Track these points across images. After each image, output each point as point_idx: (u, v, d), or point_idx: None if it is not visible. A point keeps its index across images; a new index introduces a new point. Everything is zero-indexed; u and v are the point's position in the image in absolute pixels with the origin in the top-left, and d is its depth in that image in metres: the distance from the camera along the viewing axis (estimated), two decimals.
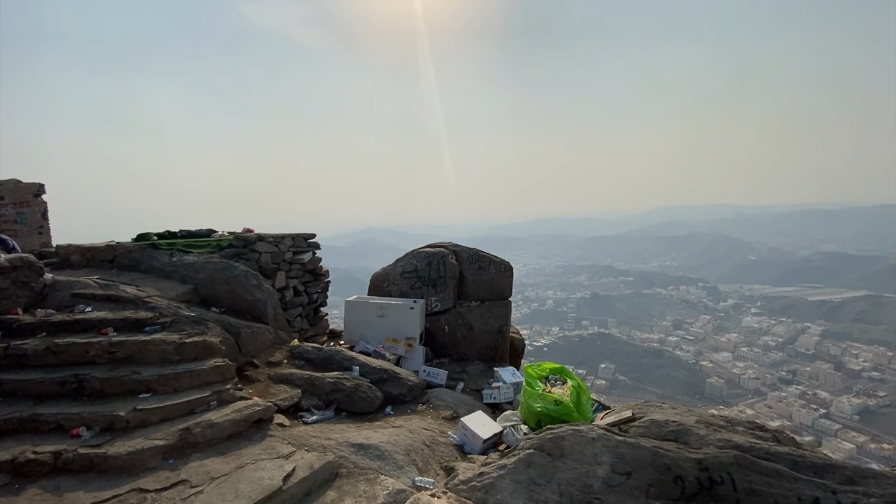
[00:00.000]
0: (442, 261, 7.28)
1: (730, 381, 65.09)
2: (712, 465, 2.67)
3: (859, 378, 62.34)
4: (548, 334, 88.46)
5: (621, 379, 69.59)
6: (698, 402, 61.40)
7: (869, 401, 55.87)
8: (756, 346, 75.74)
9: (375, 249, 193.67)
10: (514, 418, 4.31)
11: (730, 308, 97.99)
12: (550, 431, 3.16)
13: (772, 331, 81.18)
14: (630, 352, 75.89)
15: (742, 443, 2.82)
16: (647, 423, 3.20)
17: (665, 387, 66.02)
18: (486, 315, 7.15)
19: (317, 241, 7.93)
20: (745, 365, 69.84)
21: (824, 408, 55.86)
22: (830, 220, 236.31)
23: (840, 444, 47.69)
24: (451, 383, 6.04)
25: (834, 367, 65.50)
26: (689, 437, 2.97)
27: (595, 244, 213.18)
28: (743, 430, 3.19)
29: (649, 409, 3.49)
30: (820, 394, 59.27)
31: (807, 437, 49.74)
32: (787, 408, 56.37)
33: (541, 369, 4.53)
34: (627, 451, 2.87)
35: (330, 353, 5.51)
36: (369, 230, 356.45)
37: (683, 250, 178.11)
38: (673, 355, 75.48)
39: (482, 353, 7.10)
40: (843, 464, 2.69)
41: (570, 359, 75.33)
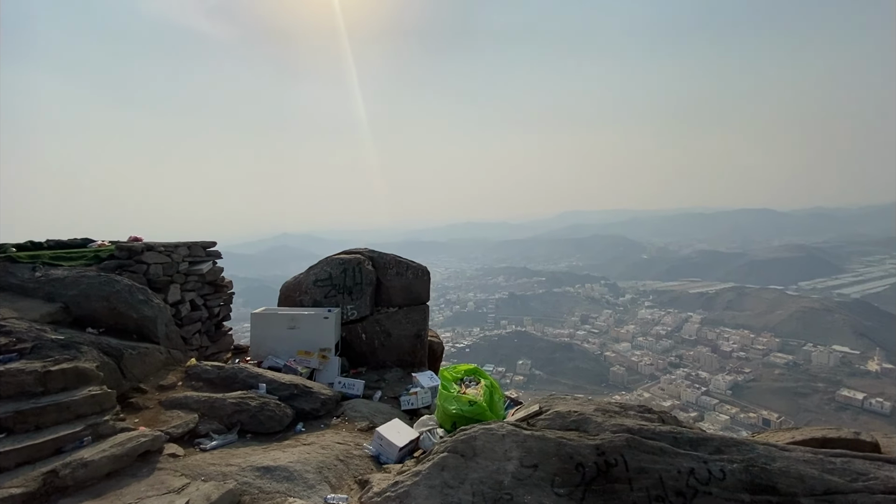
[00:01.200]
0: (358, 268, 7.11)
1: (630, 369, 71.98)
2: (608, 449, 2.90)
3: (730, 358, 72.56)
4: (469, 335, 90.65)
5: (537, 373, 73.54)
6: (604, 389, 67.08)
7: (738, 377, 65.23)
8: (650, 336, 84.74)
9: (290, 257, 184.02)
10: (431, 423, 4.32)
11: (627, 302, 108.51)
12: (463, 433, 3.20)
13: (662, 321, 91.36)
14: (544, 347, 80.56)
15: (633, 426, 3.09)
16: (552, 416, 3.39)
17: (575, 377, 71.09)
18: (404, 321, 7.10)
19: (217, 249, 7.30)
20: (642, 353, 77.76)
21: (705, 386, 64.09)
22: (704, 223, 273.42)
23: (718, 416, 55.03)
24: (368, 393, 5.90)
25: (711, 350, 75.53)
26: (589, 425, 3.20)
27: (511, 247, 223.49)
28: (634, 414, 3.51)
29: (554, 401, 3.70)
30: (701, 374, 67.90)
31: (692, 412, 56.74)
32: (677, 389, 63.76)
33: (456, 371, 4.60)
34: (534, 444, 3.00)
35: (233, 372, 5.08)
36: (284, 236, 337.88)
37: (587, 251, 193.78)
38: (581, 348, 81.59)
39: (401, 359, 7.04)
40: (713, 436, 3.08)
41: (490, 357, 78.01)
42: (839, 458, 2.92)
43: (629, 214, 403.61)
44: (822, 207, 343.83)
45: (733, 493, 2.67)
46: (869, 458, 3.14)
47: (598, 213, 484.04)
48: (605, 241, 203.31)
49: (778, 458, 2.86)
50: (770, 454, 2.88)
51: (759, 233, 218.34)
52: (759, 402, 58.74)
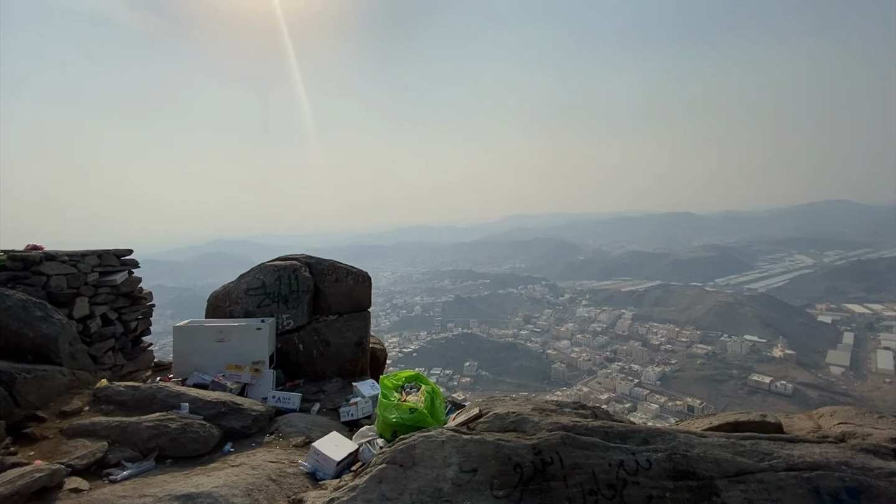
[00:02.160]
0: (294, 274, 6.80)
1: (570, 365, 75.22)
2: (544, 447, 2.95)
3: (659, 351, 78.08)
4: (417, 339, 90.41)
5: (484, 374, 74.76)
6: (546, 386, 69.56)
7: (666, 368, 70.33)
8: (587, 333, 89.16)
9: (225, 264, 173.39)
10: (371, 433, 4.20)
11: (567, 301, 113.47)
12: (402, 442, 3.13)
13: (598, 318, 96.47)
14: (490, 348, 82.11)
15: (567, 423, 3.18)
16: (491, 418, 3.41)
17: (520, 377, 73.10)
18: (344, 328, 6.89)
19: (134, 258, 6.67)
20: (581, 349, 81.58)
21: (637, 378, 68.43)
22: (634, 226, 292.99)
23: (649, 405, 58.96)
24: (306, 406, 5.64)
25: (642, 344, 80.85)
26: (526, 425, 3.25)
27: (457, 250, 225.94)
28: (569, 412, 3.62)
29: (494, 403, 3.72)
30: (634, 367, 72.45)
31: (627, 403, 60.36)
32: (612, 382, 67.53)
33: (396, 378, 4.51)
34: (473, 448, 2.99)
35: (150, 392, 4.64)
36: (218, 242, 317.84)
37: (529, 253, 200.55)
38: (525, 347, 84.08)
39: (341, 368, 6.82)
40: (640, 428, 3.24)
41: (438, 361, 78.23)
42: (748, 441, 3.18)
43: (567, 218, 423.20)
44: (733, 210, 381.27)
45: (658, 480, 2.82)
46: (773, 438, 3.45)
47: (539, 217, 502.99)
48: (546, 244, 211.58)
49: (696, 444, 3.06)
50: (690, 441, 3.08)
51: (681, 234, 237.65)
52: (685, 391, 63.67)
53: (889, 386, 60.04)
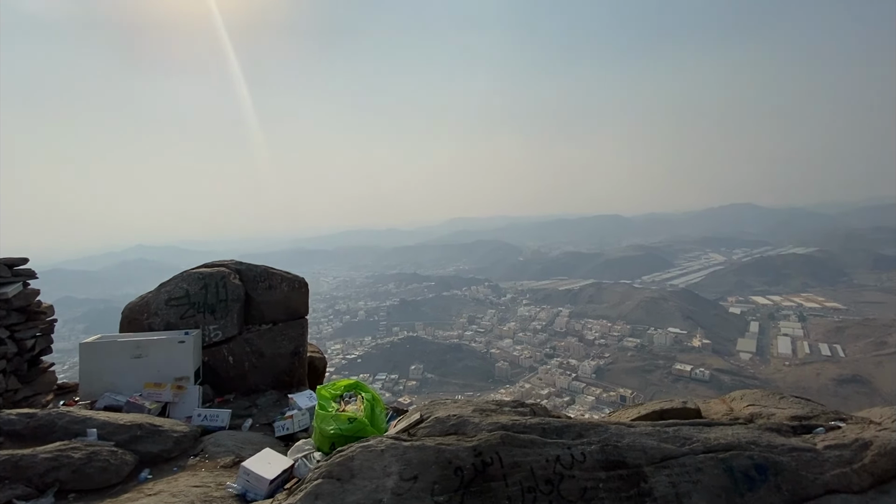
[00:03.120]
0: (222, 282, 6.35)
1: (513, 363, 77.32)
2: (484, 448, 2.96)
3: (594, 345, 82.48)
4: (361, 345, 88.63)
5: (429, 376, 74.77)
6: (491, 385, 70.96)
7: (600, 362, 74.43)
8: (528, 331, 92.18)
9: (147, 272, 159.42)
10: (307, 447, 4.00)
11: (508, 301, 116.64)
12: (340, 454, 3.00)
13: (537, 317, 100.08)
14: (435, 350, 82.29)
15: (507, 422, 3.22)
16: (432, 422, 3.37)
17: (465, 377, 73.95)
18: (279, 338, 6.54)
19: (30, 267, 5.89)
20: (522, 347, 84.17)
21: (574, 372, 71.77)
22: (569, 227, 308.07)
23: (586, 398, 62.01)
24: (237, 422, 5.28)
25: (578, 340, 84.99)
26: (467, 427, 3.24)
27: (401, 253, 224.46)
28: (509, 410, 3.67)
29: (435, 407, 3.69)
30: (571, 361, 75.91)
31: (566, 397, 63.10)
32: (552, 377, 70.28)
33: (335, 388, 4.34)
34: (414, 454, 2.94)
35: (49, 419, 4.10)
36: (139, 248, 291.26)
37: (473, 255, 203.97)
38: (469, 347, 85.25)
39: (277, 380, 6.47)
40: (575, 422, 3.36)
41: (383, 366, 77.13)
42: (671, 428, 3.41)
43: (507, 220, 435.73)
44: (656, 213, 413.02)
45: (592, 472, 2.93)
46: (693, 423, 3.72)
47: (481, 220, 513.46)
48: (488, 246, 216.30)
49: (626, 434, 3.22)
50: (620, 432, 3.23)
51: (611, 235, 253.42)
52: (617, 382, 67.72)
53: (788, 368, 67.79)
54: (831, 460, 3.42)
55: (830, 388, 57.80)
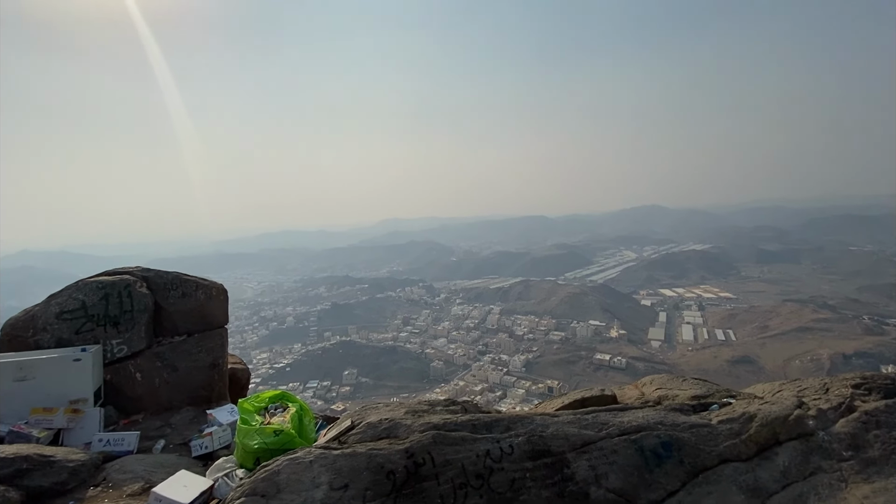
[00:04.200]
0: (126, 291, 5.74)
1: (447, 362, 78.23)
2: (416, 450, 2.98)
3: (523, 340, 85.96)
4: (290, 353, 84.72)
5: (364, 381, 73.33)
6: (426, 385, 71.22)
7: (529, 355, 77.78)
8: (462, 329, 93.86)
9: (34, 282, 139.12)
10: (229, 465, 3.75)
11: (442, 301, 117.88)
12: (264, 469, 2.85)
13: (470, 315, 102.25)
14: (370, 353, 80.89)
15: (438, 422, 3.26)
16: (363, 428, 3.32)
17: (401, 379, 73.51)
18: (194, 350, 6.05)
19: None
20: (456, 346, 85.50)
21: (506, 367, 74.32)
22: (498, 228, 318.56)
23: (517, 391, 64.43)
24: (147, 444, 4.81)
25: (509, 336, 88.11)
26: (399, 430, 3.24)
27: (332, 256, 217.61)
28: (441, 409, 3.72)
29: (366, 412, 3.64)
30: (503, 357, 78.52)
31: (498, 392, 65.08)
32: (485, 373, 72.17)
33: (259, 400, 4.11)
34: (344, 462, 2.87)
35: None
36: (24, 254, 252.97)
37: (406, 256, 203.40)
38: (404, 349, 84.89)
39: (194, 395, 5.98)
40: (503, 416, 3.49)
41: (315, 373, 74.28)
42: (590, 415, 3.66)
43: (439, 221, 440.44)
44: (577, 213, 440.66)
45: (520, 463, 3.07)
46: (609, 409, 4.02)
47: (414, 221, 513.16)
48: (421, 247, 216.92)
49: (550, 424, 3.41)
50: (545, 422, 3.41)
51: (537, 235, 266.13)
52: (545, 374, 71.20)
53: (691, 353, 75.65)
54: (724, 433, 3.89)
55: (725, 368, 65.43)
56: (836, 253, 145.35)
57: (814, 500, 3.55)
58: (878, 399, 4.47)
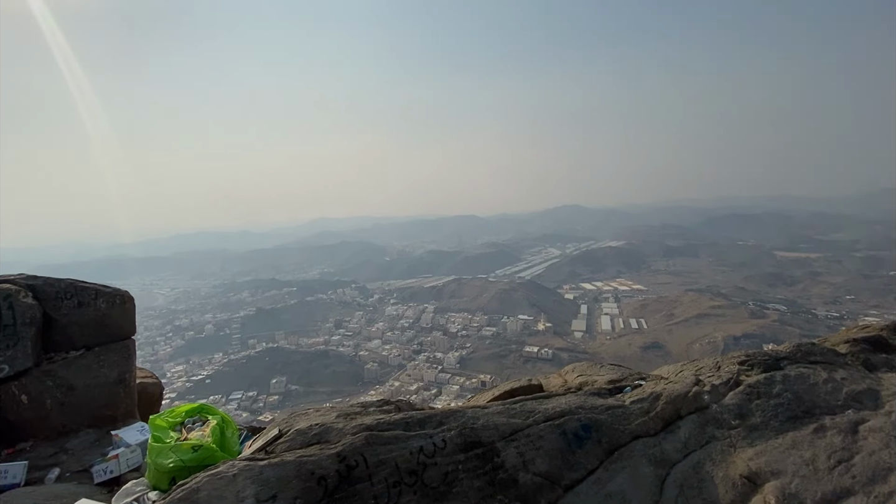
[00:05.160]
0: (6, 302, 5.00)
1: (382, 363, 77.33)
2: (349, 453, 2.94)
3: (457, 337, 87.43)
4: (210, 363, 78.82)
5: (294, 388, 70.22)
6: (361, 388, 69.86)
7: (463, 352, 79.32)
8: (396, 329, 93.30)
9: None
10: (140, 488, 3.42)
11: (376, 302, 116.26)
12: (182, 488, 2.65)
13: (405, 315, 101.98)
14: (300, 359, 77.59)
15: (371, 423, 3.24)
16: (292, 435, 3.20)
17: (334, 383, 71.39)
18: (95, 365, 5.42)
19: None
20: (391, 346, 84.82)
21: (440, 364, 75.14)
22: (431, 227, 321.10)
23: (451, 387, 65.43)
24: (39, 475, 4.24)
25: (443, 333, 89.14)
26: (331, 434, 3.17)
27: (256, 258, 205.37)
28: (374, 410, 3.70)
29: (295, 419, 3.52)
30: (437, 355, 79.30)
31: (433, 390, 65.62)
32: (420, 372, 72.42)
33: (173, 415, 3.80)
34: (272, 473, 2.76)
35: None
36: None
37: (337, 257, 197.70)
38: (337, 352, 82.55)
39: (95, 416, 5.36)
40: (436, 412, 3.55)
41: (239, 383, 69.82)
42: (518, 404, 3.85)
43: (372, 221, 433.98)
44: (506, 213, 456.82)
45: (452, 456, 3.14)
46: (536, 397, 4.25)
47: (345, 221, 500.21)
48: (353, 247, 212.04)
49: (481, 416, 3.54)
50: (476, 415, 3.53)
51: (469, 234, 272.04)
52: (478, 369, 73.06)
53: (609, 342, 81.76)
54: (636, 412, 4.27)
55: (638, 354, 71.54)
56: (727, 247, 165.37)
57: (709, 465, 4.03)
58: (758, 373, 5.17)
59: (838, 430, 4.31)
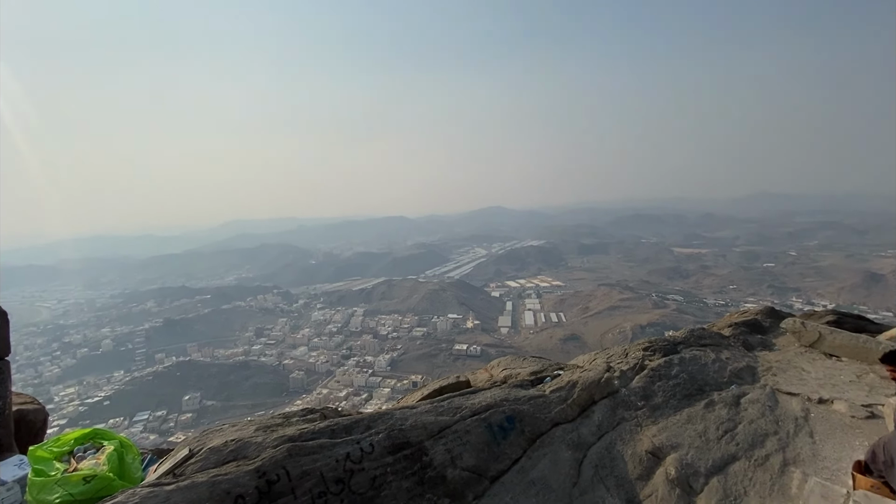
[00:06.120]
0: None
1: (308, 371, 74.15)
2: (269, 467, 2.78)
3: (387, 340, 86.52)
4: (108, 383, 70.38)
5: (210, 404, 64.91)
6: (286, 398, 66.41)
7: (394, 354, 78.65)
8: (324, 335, 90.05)
9: None
10: None
11: (301, 307, 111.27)
12: None
13: (333, 319, 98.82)
14: (216, 373, 71.90)
15: (294, 433, 3.10)
16: (205, 454, 2.96)
17: (255, 396, 67.09)
18: None
19: None
20: (318, 353, 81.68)
21: (371, 368, 73.83)
22: (359, 229, 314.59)
23: (382, 391, 64.55)
24: None
25: (373, 336, 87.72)
26: (249, 450, 2.98)
27: (162, 264, 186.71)
28: (297, 420, 3.54)
29: (208, 437, 3.26)
30: (367, 358, 77.83)
31: (364, 394, 64.29)
32: (350, 377, 70.54)
33: (60, 444, 3.33)
34: (180, 497, 2.53)
35: None
36: None
37: (257, 261, 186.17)
38: (258, 363, 77.70)
39: None
40: (364, 416, 3.49)
41: (145, 403, 63.14)
42: (446, 401, 3.90)
43: (296, 223, 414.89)
44: (435, 214, 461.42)
45: (380, 460, 3.11)
46: (463, 393, 4.34)
47: (265, 222, 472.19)
48: (275, 250, 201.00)
49: (409, 416, 3.54)
50: (404, 416, 3.52)
51: (398, 235, 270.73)
52: (410, 370, 72.93)
53: (533, 335, 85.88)
54: (555, 401, 4.54)
55: (559, 346, 75.98)
56: (633, 245, 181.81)
57: (620, 444, 4.40)
58: (659, 357, 5.75)
59: (724, 404, 4.93)
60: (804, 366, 6.07)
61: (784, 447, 4.29)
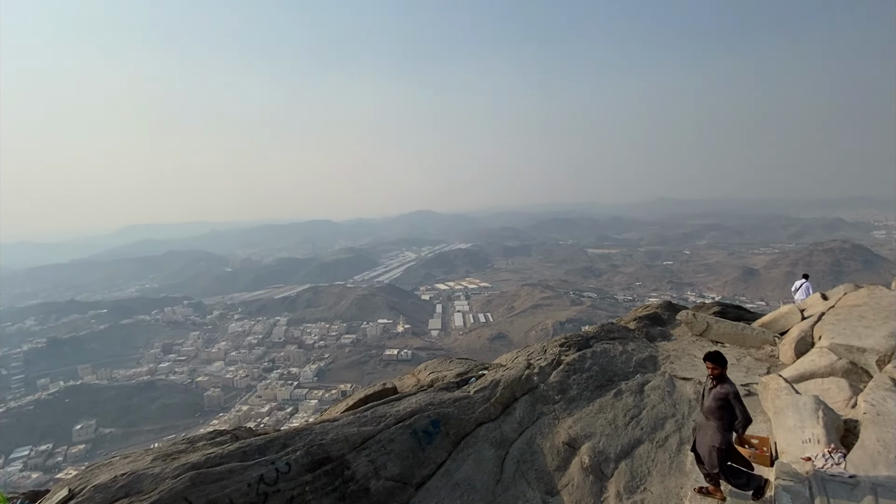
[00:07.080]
0: None
1: (225, 387, 68.74)
2: (167, 501, 2.50)
3: (314, 349, 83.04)
4: None
5: (108, 432, 57.71)
6: (199, 419, 60.97)
7: (321, 363, 75.66)
8: (243, 348, 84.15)
9: None
10: None
11: (216, 319, 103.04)
12: None
13: (253, 330, 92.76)
14: (114, 396, 64.08)
15: (198, 460, 2.83)
16: (89, 494, 2.60)
17: (163, 419, 60.88)
18: None
19: None
20: (236, 367, 76.10)
21: (296, 380, 70.30)
22: (281, 233, 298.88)
23: (309, 403, 61.69)
24: None
25: (298, 346, 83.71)
26: (144, 483, 2.66)
27: (45, 275, 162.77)
28: (203, 444, 3.24)
29: (94, 472, 2.86)
30: (292, 370, 74.03)
31: (289, 408, 60.97)
32: (273, 391, 66.53)
33: None
34: None
35: None
36: None
37: (162, 270, 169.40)
38: (167, 382, 70.63)
39: None
40: (279, 434, 3.28)
41: (24, 438, 54.72)
42: (369, 411, 3.81)
43: (208, 227, 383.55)
44: (362, 218, 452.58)
45: (298, 478, 2.94)
46: (388, 401, 4.27)
47: (173, 227, 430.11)
48: (184, 258, 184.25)
49: (330, 430, 3.40)
50: (324, 430, 3.38)
51: (324, 239, 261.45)
52: (339, 379, 70.60)
53: (462, 336, 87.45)
54: (479, 401, 4.63)
55: (487, 345, 78.15)
56: (552, 246, 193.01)
57: (539, 438, 4.61)
58: (574, 352, 6.11)
59: (631, 392, 5.36)
60: (696, 353, 6.82)
61: (680, 427, 4.77)
